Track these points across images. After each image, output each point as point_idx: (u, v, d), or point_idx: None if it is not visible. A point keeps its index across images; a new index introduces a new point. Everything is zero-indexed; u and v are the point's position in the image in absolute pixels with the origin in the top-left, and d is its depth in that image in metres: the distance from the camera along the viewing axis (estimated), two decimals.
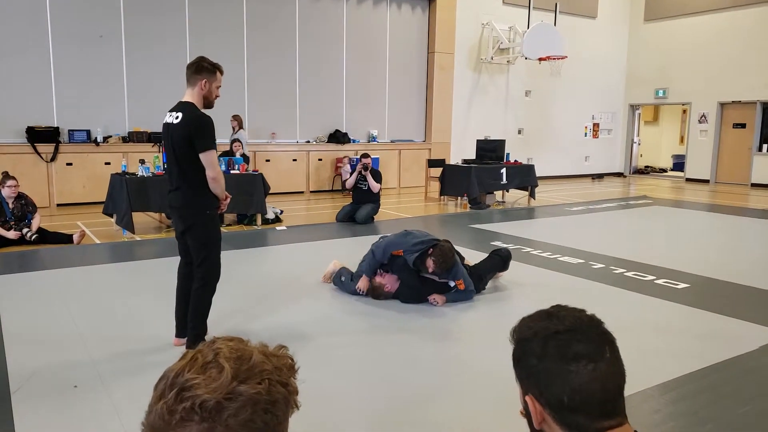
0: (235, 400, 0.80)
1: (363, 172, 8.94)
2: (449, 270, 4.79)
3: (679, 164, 18.11)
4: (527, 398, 1.10)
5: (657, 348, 3.88)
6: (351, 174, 9.38)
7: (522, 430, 2.80)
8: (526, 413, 1.12)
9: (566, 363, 1.04)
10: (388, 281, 4.88)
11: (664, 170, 19.17)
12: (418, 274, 4.87)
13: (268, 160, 11.88)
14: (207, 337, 3.85)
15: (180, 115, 3.62)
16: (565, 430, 1.06)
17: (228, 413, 0.79)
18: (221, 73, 3.74)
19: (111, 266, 6.20)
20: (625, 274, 5.95)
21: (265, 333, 4.17)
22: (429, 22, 14.00)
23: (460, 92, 14.54)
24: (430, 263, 4.71)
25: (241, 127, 10.63)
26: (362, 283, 4.96)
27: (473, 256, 5.83)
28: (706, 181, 16.06)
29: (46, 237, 7.08)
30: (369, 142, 13.36)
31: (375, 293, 4.91)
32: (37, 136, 9.81)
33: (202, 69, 3.65)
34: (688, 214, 10.24)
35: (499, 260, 5.39)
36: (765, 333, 4.26)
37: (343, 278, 5.18)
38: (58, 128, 10.03)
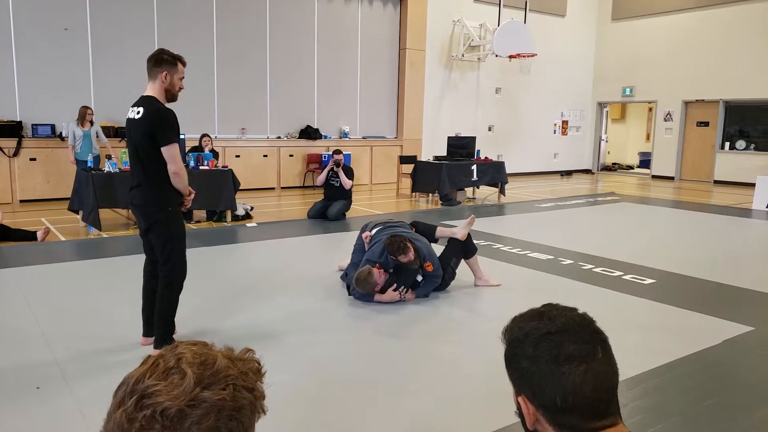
0: (198, 407, 0.77)
1: (335, 169, 8.89)
2: (417, 252, 4.80)
3: (645, 161, 18.43)
4: (520, 399, 1.09)
5: (624, 343, 3.92)
6: (322, 170, 9.34)
7: (495, 424, 2.82)
8: (520, 413, 1.11)
9: (558, 365, 1.03)
10: (381, 280, 4.79)
11: (630, 167, 19.49)
12: (413, 275, 4.87)
13: (238, 156, 11.74)
14: (175, 336, 3.79)
15: (141, 109, 3.54)
16: (559, 430, 1.05)
17: (191, 421, 0.77)
18: (183, 64, 3.64)
19: (76, 264, 6.06)
20: (594, 270, 6.03)
21: (234, 332, 4.13)
22: (400, 18, 13.99)
23: (432, 89, 14.57)
24: (402, 259, 4.73)
25: (91, 122, 9.21)
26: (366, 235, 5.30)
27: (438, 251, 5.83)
28: (671, 178, 16.39)
29: (8, 234, 6.89)
30: (341, 138, 13.31)
31: (360, 282, 4.71)
32: None
33: (162, 61, 3.56)
34: (654, 211, 10.43)
35: (457, 243, 5.19)
36: (728, 327, 4.36)
37: (347, 274, 5.20)
38: (20, 122, 9.77)
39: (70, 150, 9.18)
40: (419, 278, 4.89)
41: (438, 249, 5.31)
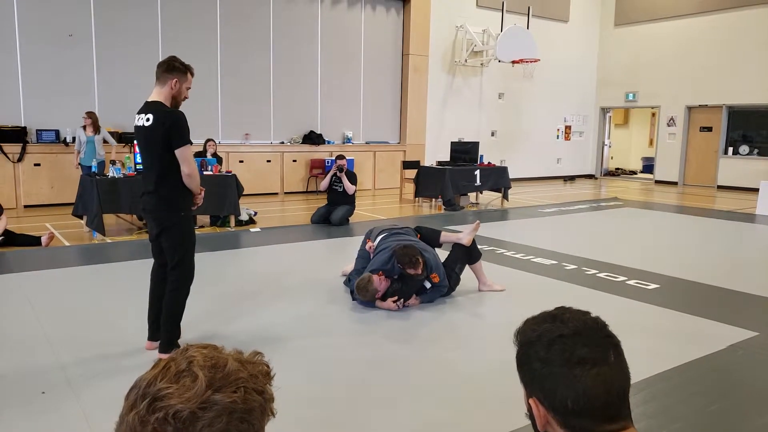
0: (210, 410, 0.78)
1: (338, 174, 8.91)
2: (425, 265, 4.78)
3: (648, 166, 18.43)
4: (531, 401, 1.09)
5: (629, 348, 3.90)
6: (325, 175, 9.35)
7: (500, 428, 2.81)
8: (530, 415, 1.11)
9: (570, 367, 1.04)
10: (383, 287, 4.78)
11: (634, 172, 19.49)
12: (417, 284, 4.86)
13: (241, 161, 11.78)
14: (180, 341, 3.80)
15: (150, 116, 3.57)
16: None
17: (202, 423, 0.77)
18: (192, 74, 3.72)
19: (81, 269, 6.08)
20: (598, 275, 6.03)
21: (239, 336, 4.13)
22: (403, 23, 14.04)
23: (435, 94, 14.60)
24: (410, 271, 4.70)
25: (97, 128, 9.16)
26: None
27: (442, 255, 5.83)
28: (675, 183, 16.37)
29: (13, 239, 6.91)
30: (344, 143, 13.34)
31: (360, 289, 4.73)
32: (4, 135, 9.59)
33: (174, 68, 3.62)
34: (657, 216, 10.42)
35: (462, 249, 5.20)
36: (733, 332, 4.36)
37: (351, 280, 5.23)
38: (25, 128, 9.82)
39: (75, 154, 9.21)
40: (427, 284, 4.87)
41: (442, 254, 5.31)
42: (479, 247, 5.45)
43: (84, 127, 9.11)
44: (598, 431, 1.03)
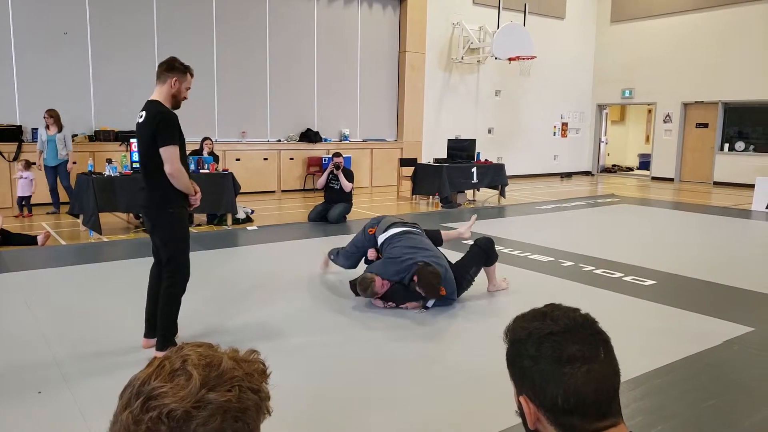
0: (204, 409, 0.78)
1: (335, 172, 8.90)
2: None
3: (645, 163, 18.46)
4: (521, 399, 1.09)
5: (625, 344, 3.91)
6: (322, 173, 9.35)
7: (498, 426, 2.82)
8: (521, 413, 1.11)
9: (560, 365, 1.03)
10: (382, 291, 4.75)
11: (630, 169, 19.52)
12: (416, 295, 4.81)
13: (238, 159, 11.76)
14: (177, 338, 3.80)
15: (144, 113, 3.67)
16: (560, 431, 1.05)
17: (197, 422, 0.77)
18: (191, 75, 3.79)
19: (77, 268, 6.06)
20: (594, 271, 6.04)
21: (236, 334, 4.13)
22: (400, 21, 14.02)
23: (431, 92, 14.60)
24: (420, 291, 4.63)
25: (59, 127, 8.92)
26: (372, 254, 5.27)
27: (450, 256, 5.83)
28: (671, 180, 16.40)
29: (9, 238, 6.89)
30: (341, 141, 13.33)
31: (360, 287, 4.71)
32: None
33: (174, 68, 3.70)
34: (654, 212, 10.44)
35: (479, 251, 5.09)
36: (729, 328, 4.37)
37: (335, 254, 5.55)
38: (20, 126, 9.79)
39: (38, 154, 8.94)
40: (429, 304, 4.81)
41: (449, 254, 5.30)
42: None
43: (47, 126, 8.86)
44: (588, 428, 1.03)
